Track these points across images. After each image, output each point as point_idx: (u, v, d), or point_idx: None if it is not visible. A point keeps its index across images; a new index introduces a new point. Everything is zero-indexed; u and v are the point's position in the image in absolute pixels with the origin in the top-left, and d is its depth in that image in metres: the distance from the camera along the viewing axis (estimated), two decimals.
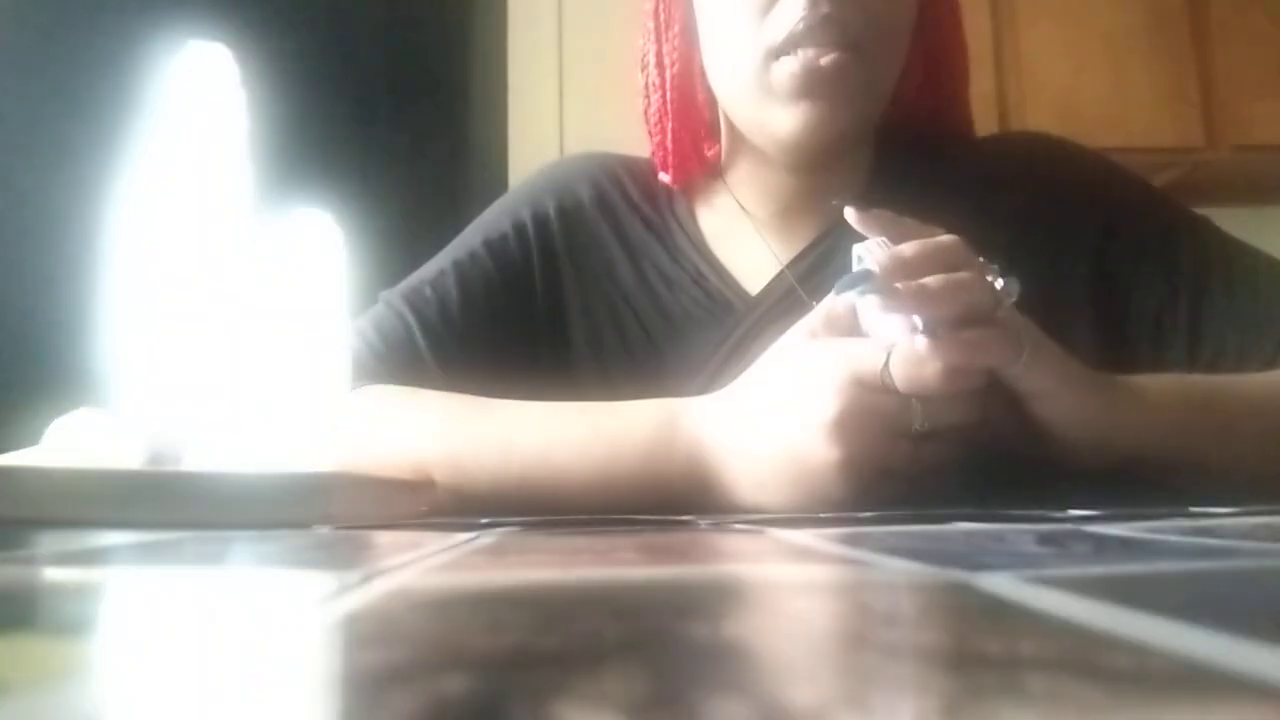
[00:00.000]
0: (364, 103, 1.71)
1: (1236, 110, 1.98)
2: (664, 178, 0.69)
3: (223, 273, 0.43)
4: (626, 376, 0.62)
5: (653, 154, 0.69)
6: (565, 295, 0.67)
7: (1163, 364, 0.58)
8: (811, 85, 0.55)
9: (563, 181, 0.70)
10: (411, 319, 0.64)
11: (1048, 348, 0.46)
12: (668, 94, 0.66)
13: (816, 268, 0.62)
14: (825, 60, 0.54)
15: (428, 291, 0.65)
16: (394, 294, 0.66)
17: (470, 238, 0.68)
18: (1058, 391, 0.46)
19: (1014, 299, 0.44)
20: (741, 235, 0.66)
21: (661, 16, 0.66)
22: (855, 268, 0.44)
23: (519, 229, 0.67)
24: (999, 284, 0.44)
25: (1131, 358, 0.58)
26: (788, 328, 0.61)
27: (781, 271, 0.63)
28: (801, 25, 0.54)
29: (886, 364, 0.44)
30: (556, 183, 0.70)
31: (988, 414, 0.46)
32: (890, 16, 0.58)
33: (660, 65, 0.66)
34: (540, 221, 0.68)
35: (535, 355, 0.65)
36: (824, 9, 0.54)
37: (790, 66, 0.55)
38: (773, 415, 0.47)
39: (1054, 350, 0.46)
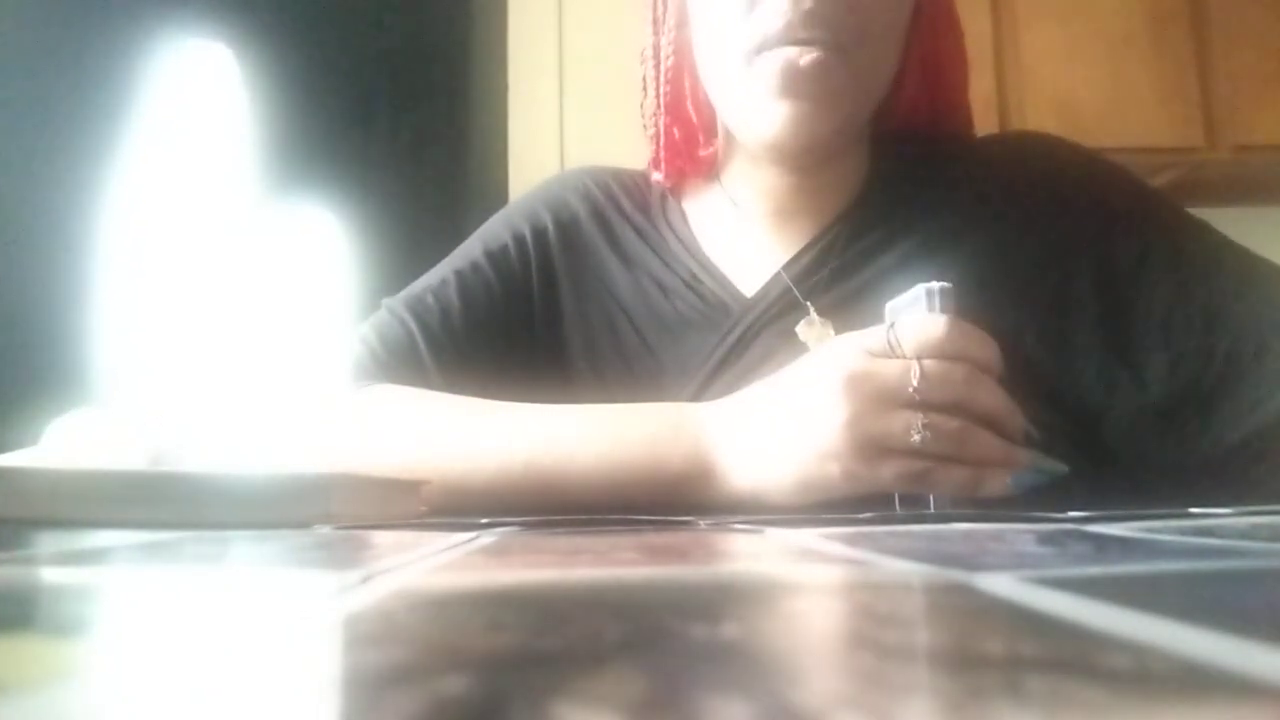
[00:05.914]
0: (364, 103, 1.71)
1: (1236, 110, 1.98)
2: (657, 177, 0.69)
3: (222, 273, 0.43)
4: (622, 383, 0.63)
5: (649, 149, 0.69)
6: (562, 306, 0.67)
7: (1175, 362, 0.57)
8: (790, 85, 0.55)
9: (559, 196, 0.71)
10: (414, 326, 0.64)
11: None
12: (661, 87, 0.66)
13: (813, 268, 0.62)
14: (805, 60, 0.54)
15: (430, 299, 0.66)
16: (396, 301, 0.67)
17: (471, 248, 0.69)
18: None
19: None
20: (737, 237, 0.66)
21: (659, 10, 0.66)
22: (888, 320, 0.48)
23: (519, 241, 0.68)
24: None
25: (1141, 356, 0.58)
26: (784, 329, 0.61)
27: (777, 272, 0.63)
28: (783, 22, 0.54)
29: (892, 327, 0.46)
30: (553, 197, 0.71)
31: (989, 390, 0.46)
32: (878, 17, 0.57)
33: (656, 58, 0.66)
34: (538, 234, 0.69)
35: (533, 364, 0.66)
36: (806, 4, 0.53)
37: (770, 65, 0.55)
38: (778, 400, 0.49)
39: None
